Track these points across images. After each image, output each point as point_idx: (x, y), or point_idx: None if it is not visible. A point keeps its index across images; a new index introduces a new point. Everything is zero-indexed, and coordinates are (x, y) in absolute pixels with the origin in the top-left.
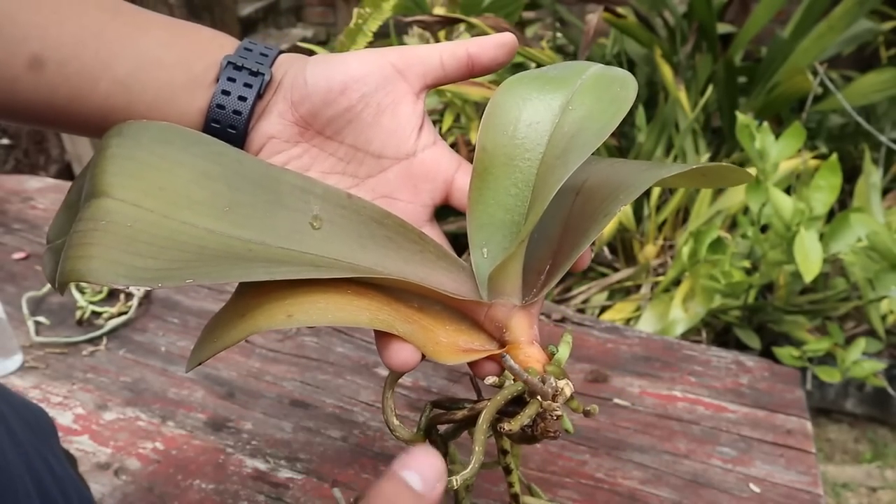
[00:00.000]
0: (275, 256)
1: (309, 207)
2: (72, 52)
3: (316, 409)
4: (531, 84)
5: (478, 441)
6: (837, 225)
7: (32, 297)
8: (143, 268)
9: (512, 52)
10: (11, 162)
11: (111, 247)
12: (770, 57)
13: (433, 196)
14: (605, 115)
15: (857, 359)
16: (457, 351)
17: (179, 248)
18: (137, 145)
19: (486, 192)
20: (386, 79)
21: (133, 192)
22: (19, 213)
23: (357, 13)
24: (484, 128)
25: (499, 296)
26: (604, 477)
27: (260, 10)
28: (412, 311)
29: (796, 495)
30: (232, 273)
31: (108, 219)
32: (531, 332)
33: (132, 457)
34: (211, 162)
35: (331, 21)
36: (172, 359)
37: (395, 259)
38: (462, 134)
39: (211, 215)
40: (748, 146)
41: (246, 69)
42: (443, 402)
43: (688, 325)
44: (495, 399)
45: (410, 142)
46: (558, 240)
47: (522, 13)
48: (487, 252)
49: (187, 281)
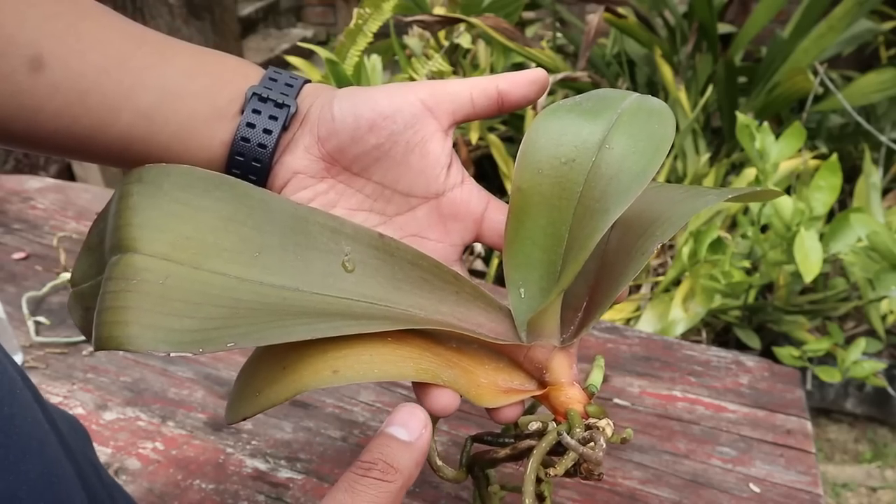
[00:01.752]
0: (311, 305)
1: (340, 248)
2: (94, 82)
3: (316, 409)
4: (566, 118)
5: (527, 493)
6: (837, 225)
7: (32, 297)
8: (180, 330)
9: (543, 88)
10: (11, 162)
11: (146, 309)
12: (770, 57)
13: (463, 236)
14: (645, 157)
15: (857, 359)
16: (497, 392)
17: (213, 302)
18: (159, 192)
19: (523, 231)
20: (415, 116)
21: (160, 244)
22: (19, 213)
23: (357, 13)
24: (519, 167)
25: (538, 338)
26: (604, 477)
27: (260, 10)
28: (452, 353)
29: (796, 495)
30: (272, 334)
31: (139, 277)
32: (571, 373)
33: (132, 457)
34: (236, 205)
35: (331, 21)
36: (172, 359)
37: (431, 300)
38: (462, 134)
39: (241, 262)
40: (748, 146)
41: (271, 101)
42: (482, 437)
43: (688, 325)
44: (541, 447)
45: (440, 181)
46: (594, 275)
47: (522, 13)
48: (525, 292)
49: (229, 345)
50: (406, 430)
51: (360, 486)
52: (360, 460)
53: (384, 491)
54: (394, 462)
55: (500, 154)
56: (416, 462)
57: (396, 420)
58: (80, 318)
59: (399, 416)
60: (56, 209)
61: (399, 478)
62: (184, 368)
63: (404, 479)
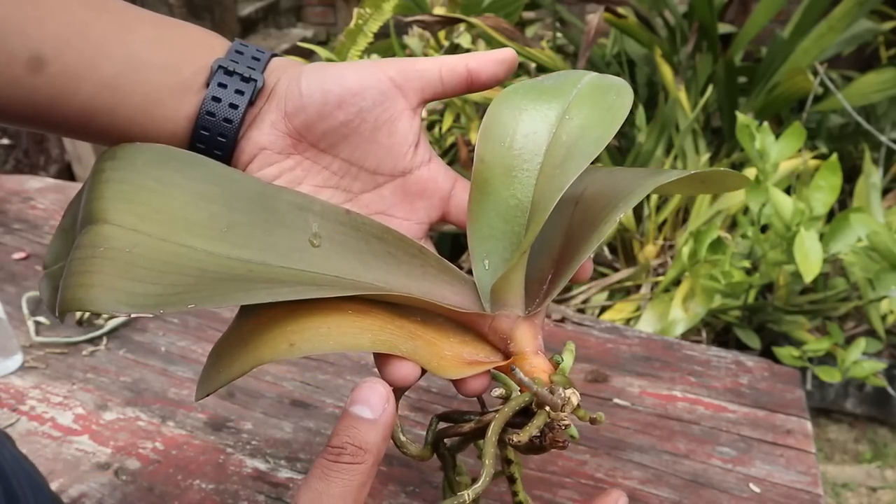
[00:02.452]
0: (276, 276)
1: (308, 225)
2: (54, 50)
3: (316, 409)
4: (526, 95)
5: (487, 454)
6: (837, 225)
7: (32, 297)
8: (143, 294)
9: (512, 67)
10: (11, 162)
11: (111, 274)
12: (770, 57)
13: (429, 213)
14: (603, 124)
15: (857, 359)
16: (461, 364)
17: (179, 271)
18: (132, 168)
19: (486, 203)
20: (384, 94)
21: (130, 216)
22: (19, 213)
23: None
24: (482, 139)
25: (502, 307)
26: (604, 477)
27: (260, 11)
28: (415, 325)
29: (796, 495)
30: (234, 296)
31: (107, 245)
32: (536, 343)
33: (132, 457)
34: (207, 183)
35: (331, 21)
36: (172, 359)
37: (397, 274)
38: (462, 134)
39: (209, 237)
40: (748, 146)
41: (237, 74)
42: (449, 415)
43: (688, 325)
44: (503, 411)
45: (407, 159)
46: (559, 249)
47: (522, 13)
48: (489, 264)
49: (189, 306)
50: (369, 408)
51: (332, 471)
52: (329, 445)
53: (356, 472)
54: (362, 443)
55: None
56: (384, 437)
57: (359, 398)
58: (50, 297)
59: (360, 394)
60: (56, 209)
61: (369, 457)
62: (184, 368)
63: (374, 456)
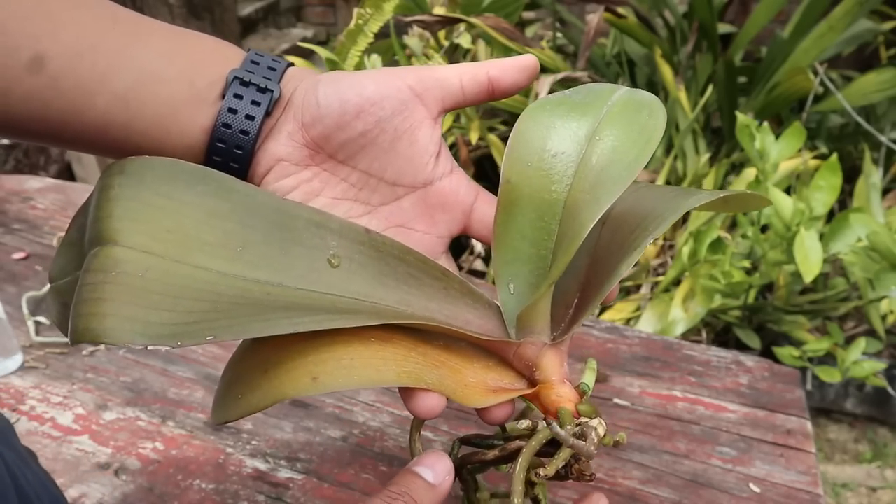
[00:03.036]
0: (295, 300)
1: (326, 244)
2: (67, 64)
3: (316, 409)
4: (554, 111)
5: (516, 493)
6: (837, 225)
7: (32, 297)
8: (159, 323)
9: (533, 75)
10: (11, 162)
11: (124, 302)
12: (770, 57)
13: (450, 227)
14: (636, 147)
15: (857, 359)
16: (486, 391)
17: (194, 296)
18: (141, 184)
19: (512, 225)
20: (403, 103)
21: (141, 236)
22: (19, 213)
23: (358, 14)
24: (508, 159)
25: (528, 334)
26: (604, 477)
27: (260, 11)
28: (439, 351)
29: (796, 495)
30: (253, 327)
31: (118, 269)
32: (562, 371)
33: (132, 457)
34: (220, 199)
35: (331, 21)
36: (172, 359)
37: (419, 296)
38: (462, 134)
39: (224, 257)
40: (748, 146)
41: (253, 85)
42: (471, 440)
43: (688, 325)
44: (530, 445)
45: (428, 170)
46: (585, 272)
47: (522, 13)
48: (514, 288)
49: (208, 338)
50: (433, 473)
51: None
52: (389, 489)
53: None
54: (418, 498)
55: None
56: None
57: (425, 462)
58: (57, 314)
59: (427, 459)
60: (56, 209)
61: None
62: (184, 368)
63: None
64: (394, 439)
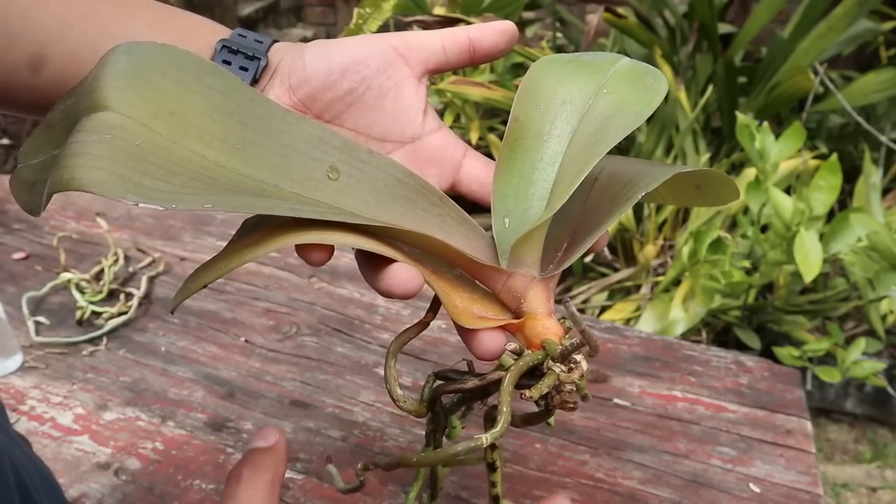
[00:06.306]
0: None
1: (326, 157)
2: (57, 34)
3: (316, 409)
4: (566, 66)
5: (504, 401)
6: (837, 225)
7: (32, 297)
8: (153, 188)
9: (513, 39)
10: (11, 162)
11: (118, 160)
12: (770, 57)
13: (439, 182)
14: (640, 102)
15: (857, 359)
16: (472, 317)
17: (191, 175)
18: (149, 66)
19: (514, 162)
20: (387, 61)
21: (142, 111)
22: (19, 213)
23: (357, 13)
24: (518, 101)
25: (519, 266)
26: (604, 477)
27: (260, 10)
28: (428, 273)
29: (796, 495)
30: (254, 204)
31: (114, 133)
32: (549, 305)
33: (132, 457)
34: (226, 96)
35: (331, 21)
36: (172, 359)
37: (413, 219)
38: (462, 134)
39: (222, 150)
40: (748, 146)
41: (241, 53)
42: (446, 373)
43: (688, 325)
44: (518, 363)
45: (415, 124)
46: (576, 221)
47: (522, 13)
48: (509, 222)
49: (205, 206)
50: (264, 440)
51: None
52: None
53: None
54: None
55: None
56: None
57: (257, 436)
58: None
59: (259, 434)
60: (56, 209)
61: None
62: (184, 368)
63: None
64: (394, 439)
